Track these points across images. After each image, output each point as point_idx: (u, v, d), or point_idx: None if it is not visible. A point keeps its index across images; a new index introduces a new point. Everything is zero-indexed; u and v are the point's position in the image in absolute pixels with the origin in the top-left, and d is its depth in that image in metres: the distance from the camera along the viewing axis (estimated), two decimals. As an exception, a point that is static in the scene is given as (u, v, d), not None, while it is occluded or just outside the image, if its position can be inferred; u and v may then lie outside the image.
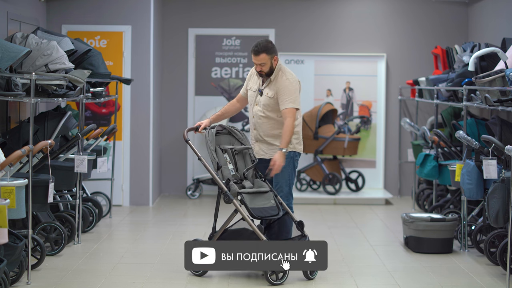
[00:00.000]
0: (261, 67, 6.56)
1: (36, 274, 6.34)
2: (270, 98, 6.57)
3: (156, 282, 6.26)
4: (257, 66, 6.57)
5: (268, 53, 6.53)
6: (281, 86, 6.54)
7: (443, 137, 8.44)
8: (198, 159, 6.50)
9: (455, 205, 8.44)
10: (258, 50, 6.53)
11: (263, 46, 6.52)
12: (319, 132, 10.51)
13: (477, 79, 7.07)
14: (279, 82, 6.56)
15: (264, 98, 6.60)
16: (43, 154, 6.84)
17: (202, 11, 11.06)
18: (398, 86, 11.08)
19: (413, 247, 7.47)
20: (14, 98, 6.36)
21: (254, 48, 6.55)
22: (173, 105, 11.06)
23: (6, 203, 5.24)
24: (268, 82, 6.62)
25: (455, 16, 11.03)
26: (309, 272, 6.27)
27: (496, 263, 6.78)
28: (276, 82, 6.58)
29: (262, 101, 6.61)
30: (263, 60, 6.53)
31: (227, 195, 6.23)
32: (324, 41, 11.08)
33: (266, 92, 6.60)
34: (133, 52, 9.93)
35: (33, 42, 7.14)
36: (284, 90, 6.53)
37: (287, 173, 6.59)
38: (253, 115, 6.68)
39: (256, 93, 6.68)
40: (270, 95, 6.57)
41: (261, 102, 6.62)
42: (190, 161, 11.07)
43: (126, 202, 10.01)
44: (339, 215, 9.60)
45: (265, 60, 6.53)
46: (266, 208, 6.25)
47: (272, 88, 6.58)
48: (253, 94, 6.70)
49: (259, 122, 6.63)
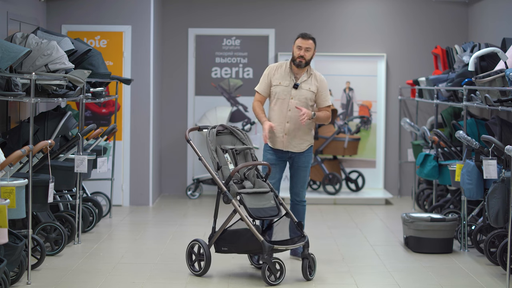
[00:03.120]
0: (305, 53, 6.83)
1: (36, 274, 6.34)
2: (313, 93, 6.90)
3: (156, 282, 6.26)
4: (301, 51, 6.83)
5: (315, 42, 6.90)
6: (323, 84, 6.97)
7: (443, 137, 8.44)
8: (199, 159, 6.51)
9: (455, 205, 8.43)
10: (308, 36, 6.89)
11: (312, 35, 6.91)
12: (319, 132, 10.51)
13: (477, 79, 7.07)
14: (320, 78, 6.97)
15: (306, 92, 6.89)
16: (43, 154, 6.84)
17: (202, 11, 11.06)
18: (398, 86, 11.08)
19: (413, 247, 7.47)
20: (14, 98, 6.36)
21: (304, 33, 6.91)
22: (173, 105, 11.06)
23: (6, 203, 5.24)
24: (306, 76, 6.90)
25: (455, 16, 11.03)
26: (308, 273, 6.27)
27: (496, 263, 6.78)
28: (316, 78, 6.93)
29: (304, 95, 6.87)
30: (311, 46, 6.85)
31: (226, 195, 6.23)
32: (324, 41, 11.07)
33: (308, 87, 6.90)
34: (133, 52, 9.93)
35: (33, 42, 7.14)
36: (327, 88, 7.00)
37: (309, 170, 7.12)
38: (289, 109, 6.87)
39: (289, 88, 6.89)
40: (313, 89, 6.90)
41: (301, 96, 6.86)
42: (190, 161, 11.07)
43: (126, 202, 10.01)
44: (339, 215, 9.60)
45: (312, 46, 6.86)
46: (265, 208, 6.25)
47: (313, 83, 6.92)
48: (286, 89, 6.90)
49: (297, 116, 6.85)
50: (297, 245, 6.26)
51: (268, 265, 6.02)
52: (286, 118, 6.88)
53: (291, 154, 6.96)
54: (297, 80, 6.90)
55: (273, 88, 6.93)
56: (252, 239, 6.15)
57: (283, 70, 6.94)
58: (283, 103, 6.88)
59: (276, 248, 6.09)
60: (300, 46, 6.84)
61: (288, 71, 6.92)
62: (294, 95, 6.86)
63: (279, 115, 6.90)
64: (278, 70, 6.96)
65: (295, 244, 6.25)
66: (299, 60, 6.84)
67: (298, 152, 6.96)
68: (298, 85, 6.86)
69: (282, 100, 6.88)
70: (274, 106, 6.94)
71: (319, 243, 7.63)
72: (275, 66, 7.00)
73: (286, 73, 6.92)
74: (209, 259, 6.32)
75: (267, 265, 6.03)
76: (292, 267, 6.63)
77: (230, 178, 6.26)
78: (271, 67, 7.01)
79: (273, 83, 6.94)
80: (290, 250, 6.98)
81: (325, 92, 6.96)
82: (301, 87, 6.87)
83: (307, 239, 6.30)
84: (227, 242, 6.33)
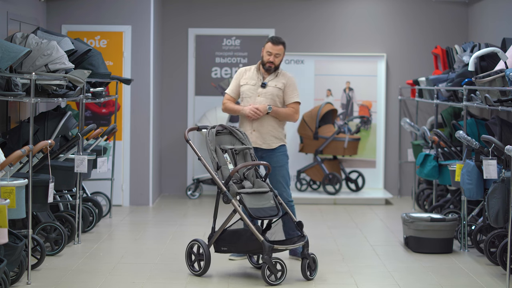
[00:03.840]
0: (275, 58, 6.95)
1: (36, 274, 6.34)
2: (279, 89, 6.98)
3: (156, 282, 6.26)
4: (271, 57, 6.94)
5: (285, 46, 7.01)
6: (290, 81, 7.03)
7: (443, 137, 8.44)
8: (198, 159, 6.51)
9: (455, 205, 8.43)
10: (279, 40, 6.99)
11: (282, 39, 6.99)
12: (319, 132, 10.51)
13: (477, 79, 7.07)
14: (287, 76, 7.05)
15: (273, 89, 6.98)
16: (43, 154, 6.84)
17: (202, 11, 11.06)
18: (398, 86, 11.08)
19: (413, 247, 7.47)
20: (14, 98, 6.36)
21: (274, 38, 7.00)
22: (173, 105, 11.06)
23: (6, 203, 5.24)
24: (274, 76, 7.01)
25: (455, 16, 11.03)
26: (308, 273, 6.27)
27: (496, 263, 6.78)
28: (283, 76, 7.02)
29: (270, 92, 6.96)
30: (280, 51, 6.96)
31: (226, 195, 6.23)
32: (324, 41, 11.08)
33: (275, 84, 6.99)
34: (133, 52, 9.93)
35: (33, 42, 7.14)
36: (294, 84, 7.07)
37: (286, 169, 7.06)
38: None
39: (255, 86, 7.00)
40: (279, 86, 6.98)
41: (267, 93, 6.96)
42: (190, 161, 11.07)
43: (126, 202, 10.01)
44: (339, 215, 9.60)
45: (281, 52, 6.97)
46: (265, 208, 6.25)
47: (280, 80, 7.00)
48: (252, 88, 7.02)
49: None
50: (297, 245, 6.26)
51: (268, 265, 6.02)
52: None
53: (261, 153, 6.98)
54: (264, 79, 7.03)
55: (240, 88, 7.07)
56: (251, 239, 6.15)
57: (252, 72, 7.08)
58: (249, 101, 6.99)
59: (276, 248, 6.09)
60: (270, 52, 6.95)
61: (256, 73, 7.05)
62: (261, 92, 6.98)
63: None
64: (247, 72, 7.11)
65: (295, 244, 6.25)
66: (268, 65, 6.99)
67: (268, 152, 6.97)
68: (266, 84, 6.98)
69: (249, 98, 7.00)
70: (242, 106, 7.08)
71: (319, 243, 7.63)
72: (244, 69, 7.15)
73: (254, 74, 7.05)
74: (208, 259, 6.32)
75: (267, 265, 6.03)
76: (292, 267, 6.62)
77: (230, 178, 6.27)
78: (241, 70, 7.16)
79: (241, 83, 7.07)
80: (290, 250, 6.98)
81: (292, 88, 7.02)
82: (268, 85, 6.99)
83: (306, 239, 6.30)
84: (227, 242, 6.34)
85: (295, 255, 6.98)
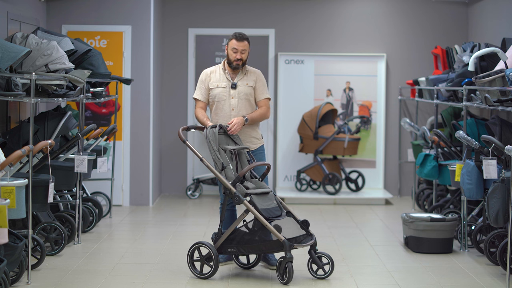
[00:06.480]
0: (241, 55, 6.74)
1: (36, 274, 6.34)
2: (251, 87, 6.81)
3: (156, 282, 6.26)
4: (237, 54, 6.72)
5: (249, 42, 6.83)
6: (260, 77, 6.88)
7: (443, 137, 8.44)
8: (200, 160, 6.46)
9: (455, 205, 8.43)
10: (243, 36, 6.79)
11: (245, 35, 6.81)
12: (319, 132, 10.51)
13: (477, 79, 7.07)
14: (256, 73, 6.88)
15: (245, 88, 6.79)
16: (43, 154, 6.84)
17: (202, 11, 11.06)
18: (398, 86, 11.09)
19: (413, 247, 7.47)
20: (14, 98, 6.36)
21: (238, 35, 6.79)
22: (173, 105, 11.06)
23: (6, 203, 5.24)
24: (242, 74, 6.80)
25: (455, 16, 11.03)
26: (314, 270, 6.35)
27: (496, 263, 6.78)
28: (251, 73, 6.84)
29: (243, 92, 6.77)
30: (246, 47, 6.76)
31: (238, 196, 6.21)
32: (324, 41, 11.08)
33: (246, 82, 6.80)
34: (133, 52, 9.93)
35: (33, 42, 7.14)
36: (263, 80, 6.89)
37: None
38: (232, 108, 6.76)
39: (227, 88, 6.78)
40: (251, 84, 6.81)
41: (240, 93, 6.76)
42: (190, 161, 11.07)
43: (126, 202, 10.01)
44: (339, 215, 9.60)
45: (246, 47, 6.78)
46: (271, 208, 6.27)
47: (250, 78, 6.82)
48: (223, 90, 6.79)
49: (240, 113, 6.75)
50: (309, 243, 6.29)
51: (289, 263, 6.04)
52: (232, 117, 6.75)
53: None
54: (233, 79, 6.80)
55: (210, 92, 6.81)
56: (264, 239, 6.17)
57: (218, 73, 6.83)
58: (224, 104, 6.76)
59: (296, 247, 6.14)
60: (236, 49, 6.72)
61: (223, 73, 6.82)
62: (234, 94, 6.76)
63: (223, 117, 6.76)
64: (213, 74, 6.85)
65: (307, 242, 6.29)
66: (236, 63, 6.74)
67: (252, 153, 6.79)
68: (236, 84, 6.77)
69: (223, 102, 6.76)
70: (216, 110, 6.82)
71: (319, 243, 7.59)
72: (209, 71, 6.88)
73: (222, 75, 6.82)
74: (217, 260, 6.28)
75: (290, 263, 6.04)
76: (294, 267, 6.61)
77: (238, 179, 6.26)
78: (205, 72, 6.88)
79: (210, 86, 6.81)
80: (262, 257, 6.74)
81: (261, 84, 6.83)
82: (238, 85, 6.78)
83: (314, 238, 6.35)
84: (235, 242, 6.32)
85: (267, 261, 6.76)
